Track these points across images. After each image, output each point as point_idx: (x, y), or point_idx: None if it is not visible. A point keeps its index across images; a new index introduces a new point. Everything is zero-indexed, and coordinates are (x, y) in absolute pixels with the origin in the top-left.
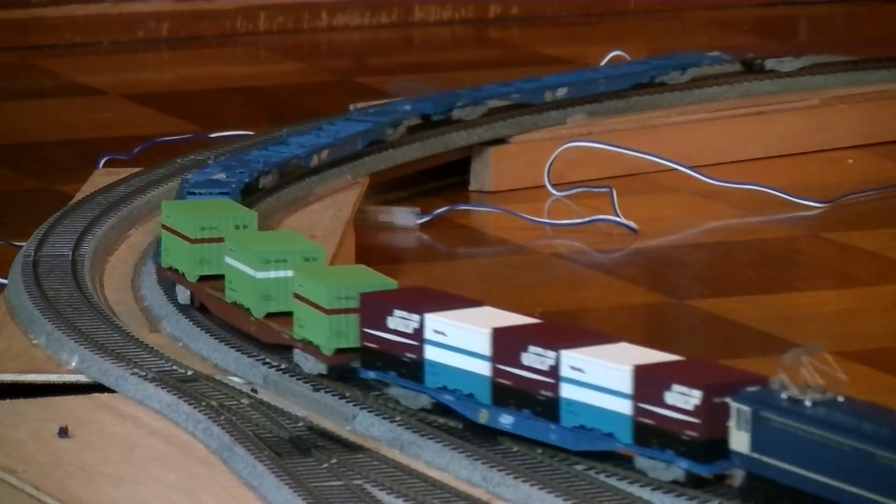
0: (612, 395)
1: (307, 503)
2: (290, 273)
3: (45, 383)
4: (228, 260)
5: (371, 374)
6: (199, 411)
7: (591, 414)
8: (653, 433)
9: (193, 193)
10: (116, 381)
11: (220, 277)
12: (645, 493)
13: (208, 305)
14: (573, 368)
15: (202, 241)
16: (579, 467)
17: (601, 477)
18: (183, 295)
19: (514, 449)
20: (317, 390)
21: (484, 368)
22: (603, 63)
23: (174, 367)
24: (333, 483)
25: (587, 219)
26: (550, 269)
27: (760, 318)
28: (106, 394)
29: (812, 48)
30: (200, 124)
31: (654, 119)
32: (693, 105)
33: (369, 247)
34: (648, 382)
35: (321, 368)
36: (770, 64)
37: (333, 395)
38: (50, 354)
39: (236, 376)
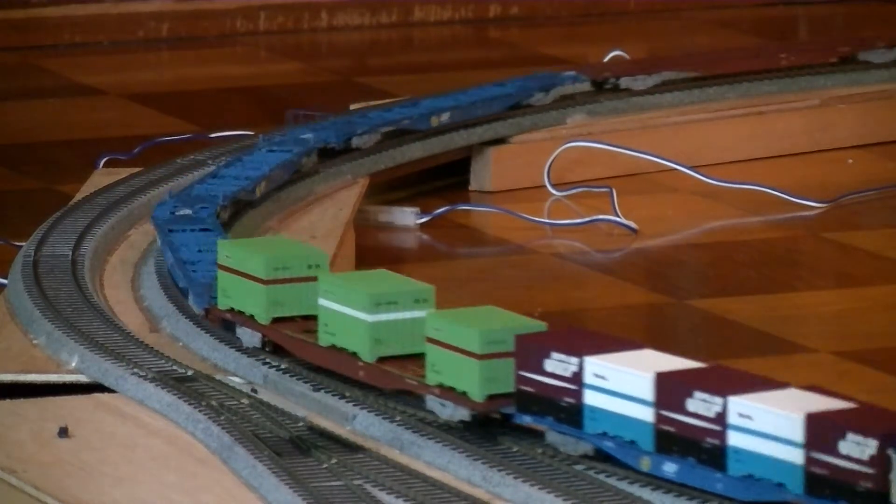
0: (783, 444)
1: (307, 503)
2: (402, 315)
3: (45, 383)
4: (325, 302)
5: (527, 419)
6: (199, 411)
7: (761, 463)
8: (825, 483)
9: (174, 231)
10: (116, 381)
11: (294, 319)
12: (645, 493)
13: (292, 349)
14: (741, 415)
15: (276, 281)
16: (579, 467)
17: (601, 477)
18: (250, 338)
19: (514, 449)
20: (317, 390)
21: (647, 415)
22: (607, 59)
23: (174, 367)
24: (333, 483)
25: (587, 219)
26: (550, 269)
27: (760, 318)
28: (106, 394)
29: (668, 65)
30: (200, 124)
31: (654, 119)
32: (693, 105)
33: (369, 247)
34: (821, 430)
35: (464, 414)
36: (625, 83)
37: (333, 395)
38: (50, 354)
39: (236, 376)
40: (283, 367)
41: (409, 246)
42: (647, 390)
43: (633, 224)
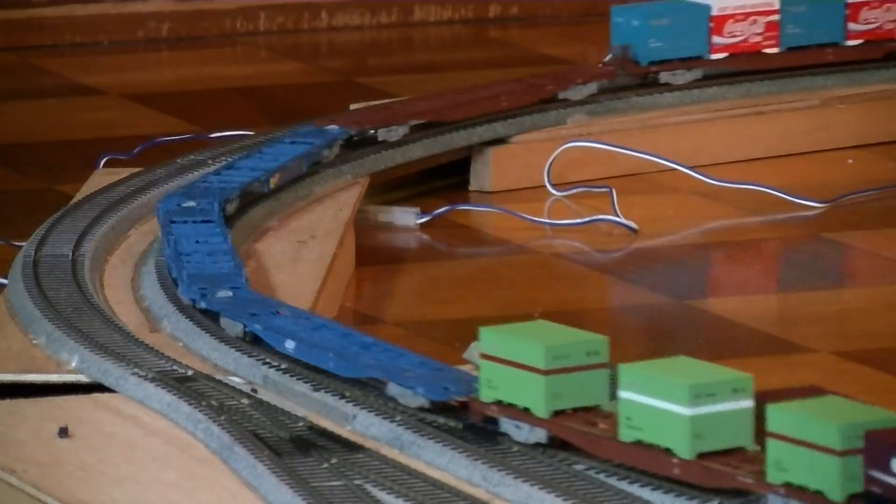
0: None
1: (307, 503)
2: (723, 407)
3: (45, 383)
4: (628, 395)
5: None
6: (199, 411)
7: None
8: None
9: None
10: (116, 381)
11: (573, 411)
12: (645, 493)
13: (582, 445)
14: None
15: (557, 371)
16: (579, 467)
17: (601, 477)
18: (527, 433)
19: (514, 449)
20: (317, 390)
21: None
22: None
23: (174, 367)
24: (333, 483)
25: (587, 219)
26: (550, 269)
27: (760, 318)
28: (106, 394)
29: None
30: (200, 124)
31: (654, 119)
32: (693, 105)
33: (369, 247)
34: None
35: None
36: (381, 134)
37: (333, 395)
38: (50, 354)
39: (236, 376)
40: (283, 367)
41: (409, 246)
42: None
43: (633, 224)
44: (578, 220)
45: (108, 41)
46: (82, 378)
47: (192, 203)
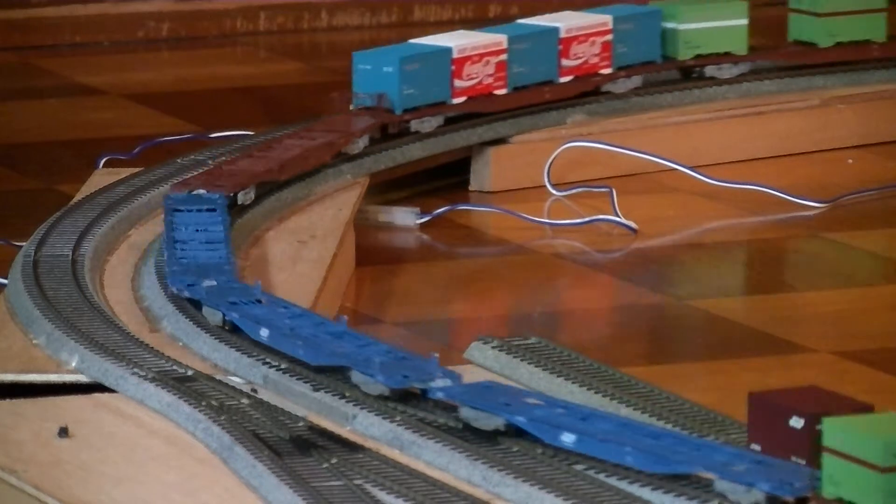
0: None
1: (307, 503)
2: None
3: (45, 383)
4: (830, 448)
5: None
6: (199, 411)
7: None
8: None
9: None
10: (116, 381)
11: None
12: (645, 493)
13: None
14: None
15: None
16: (579, 467)
17: (601, 477)
18: None
19: (514, 449)
20: (317, 390)
21: None
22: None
23: (174, 367)
24: (333, 483)
25: (587, 219)
26: (550, 269)
27: (760, 318)
28: (106, 394)
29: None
30: (200, 124)
31: (654, 119)
32: (693, 105)
33: (369, 247)
34: None
35: None
36: (240, 198)
37: (333, 395)
38: (50, 354)
39: (236, 376)
40: (283, 367)
41: (409, 246)
42: None
43: (633, 224)
44: (578, 220)
45: (108, 41)
46: (82, 378)
47: None
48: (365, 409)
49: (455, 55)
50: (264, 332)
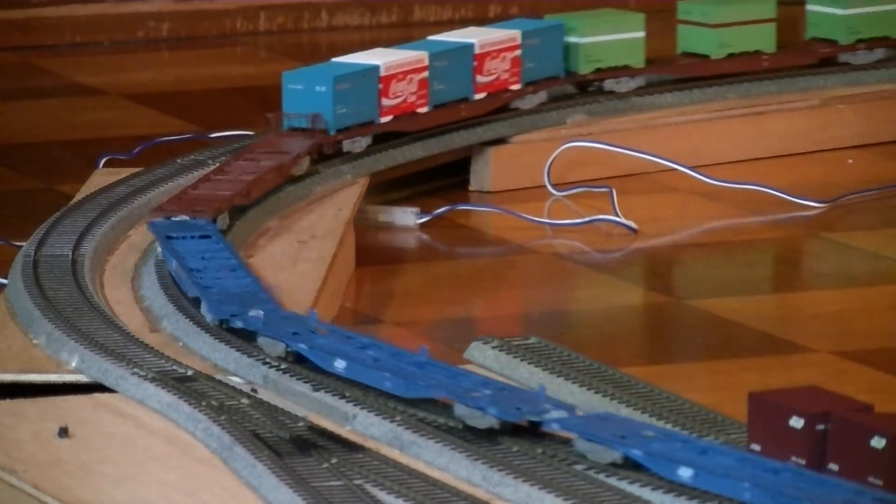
0: None
1: (307, 503)
2: None
3: (45, 383)
4: None
5: None
6: (199, 411)
7: None
8: None
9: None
10: (116, 381)
11: None
12: (645, 493)
13: None
14: None
15: None
16: (579, 467)
17: (601, 477)
18: None
19: (514, 449)
20: (317, 390)
21: None
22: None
23: (174, 367)
24: (333, 483)
25: (587, 219)
26: (550, 269)
27: (760, 318)
28: (106, 394)
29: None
30: (200, 124)
31: (654, 119)
32: (693, 105)
33: (369, 247)
34: None
35: None
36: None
37: (333, 395)
38: (50, 354)
39: (236, 376)
40: (283, 367)
41: (409, 246)
42: None
43: (633, 224)
44: (578, 220)
45: (108, 41)
46: (82, 378)
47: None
48: (365, 409)
49: (382, 73)
50: (340, 364)
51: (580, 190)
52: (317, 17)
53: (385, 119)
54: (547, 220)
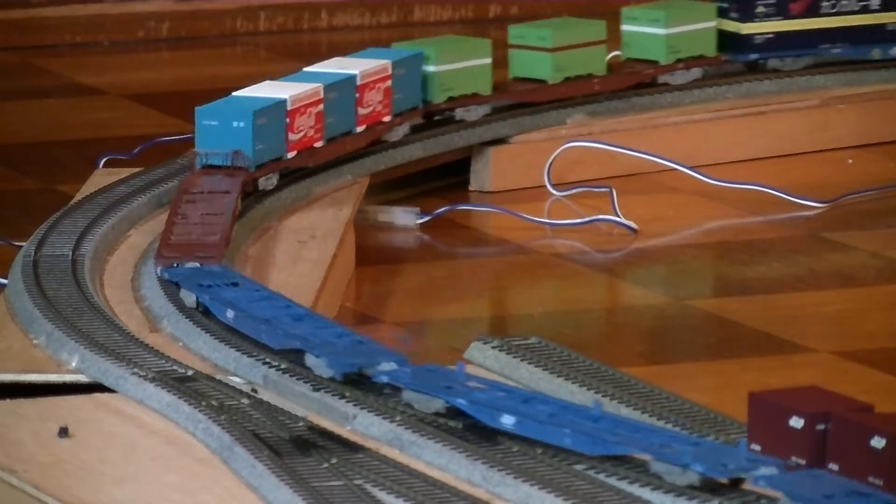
0: None
1: (307, 503)
2: None
3: (45, 383)
4: None
5: None
6: (199, 411)
7: None
8: None
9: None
10: (116, 381)
11: None
12: (645, 493)
13: None
14: None
15: None
16: (579, 467)
17: (601, 477)
18: None
19: (514, 449)
20: (317, 390)
21: None
22: (608, 58)
23: (174, 367)
24: (333, 483)
25: (587, 219)
26: (550, 269)
27: (760, 318)
28: (106, 394)
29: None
30: None
31: (654, 119)
32: (693, 105)
33: (369, 247)
34: None
35: None
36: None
37: (333, 395)
38: (50, 354)
39: (236, 376)
40: (283, 367)
41: (409, 246)
42: None
43: (633, 224)
44: (578, 220)
45: (108, 41)
46: (82, 378)
47: None
48: (365, 409)
49: (289, 107)
50: (508, 420)
51: (580, 190)
52: (317, 17)
53: (291, 154)
54: (547, 220)
